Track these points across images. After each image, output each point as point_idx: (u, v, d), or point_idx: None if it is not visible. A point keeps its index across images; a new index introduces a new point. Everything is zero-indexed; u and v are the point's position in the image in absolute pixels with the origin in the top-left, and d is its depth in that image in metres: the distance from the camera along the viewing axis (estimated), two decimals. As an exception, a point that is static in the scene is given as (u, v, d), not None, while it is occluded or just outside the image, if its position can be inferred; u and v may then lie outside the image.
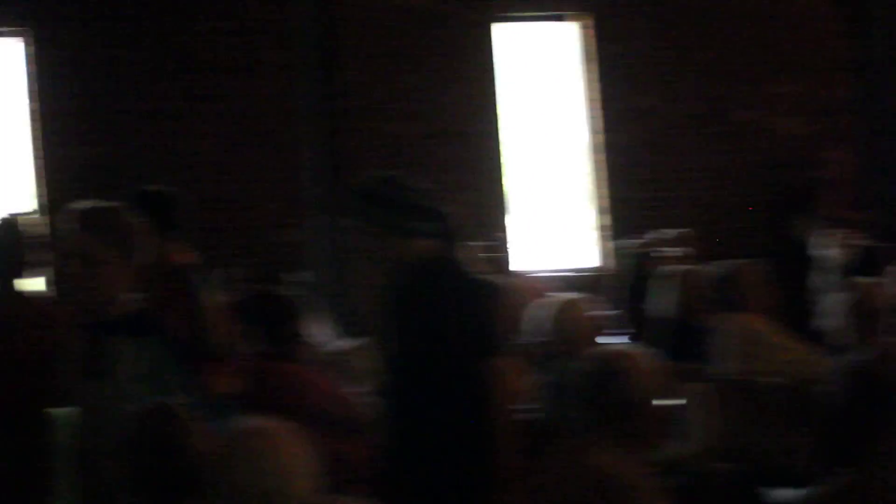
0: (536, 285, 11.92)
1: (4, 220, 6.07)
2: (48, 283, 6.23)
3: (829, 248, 10.31)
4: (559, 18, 14.97)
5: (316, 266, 12.78)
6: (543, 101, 14.94)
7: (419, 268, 5.47)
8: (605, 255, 14.56)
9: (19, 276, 5.99)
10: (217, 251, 12.80)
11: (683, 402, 6.65)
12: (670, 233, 11.72)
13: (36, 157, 13.20)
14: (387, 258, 5.62)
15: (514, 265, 12.60)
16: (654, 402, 4.49)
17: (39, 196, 13.11)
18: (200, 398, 4.94)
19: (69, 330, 5.02)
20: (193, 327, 6.26)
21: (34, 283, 6.14)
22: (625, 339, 9.67)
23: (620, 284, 12.03)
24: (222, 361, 6.30)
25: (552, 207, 14.93)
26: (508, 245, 12.59)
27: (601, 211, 14.75)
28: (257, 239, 13.24)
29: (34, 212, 11.99)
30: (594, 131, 14.76)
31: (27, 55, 13.29)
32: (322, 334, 10.22)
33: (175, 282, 6.35)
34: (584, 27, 14.79)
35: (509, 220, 14.40)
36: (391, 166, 13.80)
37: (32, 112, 13.25)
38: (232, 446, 3.58)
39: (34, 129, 13.25)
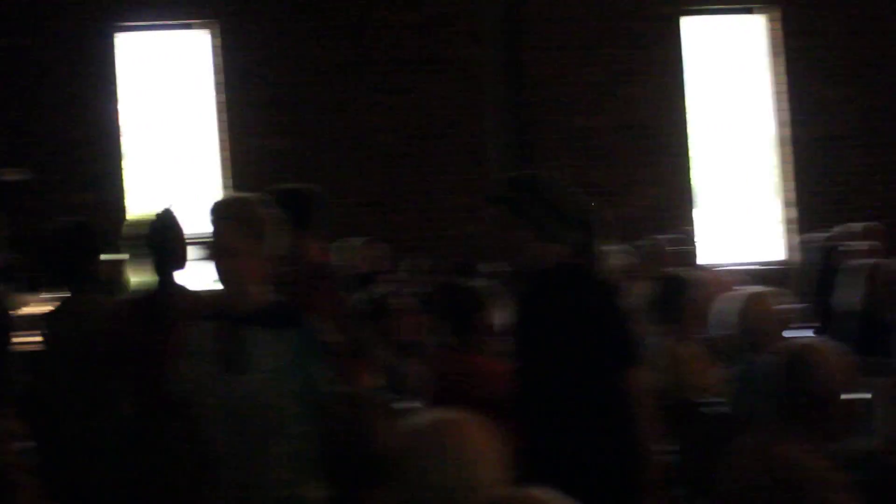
0: (723, 279, 11.87)
1: (165, 211, 6.05)
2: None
3: None
4: (747, 11, 14.84)
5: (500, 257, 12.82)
6: (730, 95, 14.82)
7: (553, 273, 5.30)
8: (791, 248, 14.40)
9: (180, 267, 6.00)
10: (403, 243, 12.99)
11: (869, 396, 6.56)
12: (857, 226, 11.54)
13: (221, 149, 13.48)
14: (522, 257, 5.44)
15: (701, 259, 12.51)
16: (842, 396, 4.45)
17: (224, 187, 13.39)
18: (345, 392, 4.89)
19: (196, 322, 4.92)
20: (335, 323, 6.13)
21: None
22: (810, 333, 9.54)
23: (807, 278, 11.89)
24: (362, 358, 6.20)
25: (739, 201, 14.81)
26: (695, 238, 12.49)
27: (787, 204, 14.59)
28: (443, 230, 13.36)
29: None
30: (781, 124, 14.62)
31: (214, 47, 13.55)
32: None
33: (315, 278, 6.27)
34: (772, 20, 14.64)
35: (696, 214, 14.33)
36: (577, 159, 13.88)
37: (219, 103, 13.53)
38: (418, 437, 3.55)
39: (220, 121, 13.52)
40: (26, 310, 7.49)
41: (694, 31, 14.65)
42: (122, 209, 13.06)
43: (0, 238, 7.23)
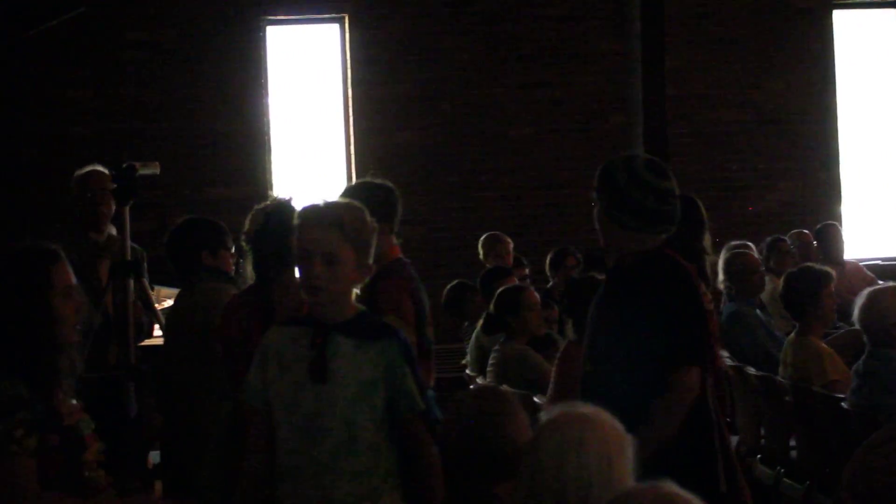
0: (866, 273, 11.72)
1: (280, 203, 5.85)
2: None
3: None
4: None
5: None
6: (878, 88, 14.58)
7: (638, 263, 5.09)
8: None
9: (283, 264, 5.71)
10: (539, 236, 13.02)
11: None
12: None
13: (347, 143, 13.54)
14: (606, 248, 5.33)
15: (847, 253, 12.32)
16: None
17: (349, 181, 13.29)
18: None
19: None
20: (417, 324, 6.04)
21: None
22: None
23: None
24: (429, 359, 6.10)
25: (886, 194, 14.56)
26: (841, 233, 12.30)
27: (938, 198, 14.32)
28: (579, 225, 13.32)
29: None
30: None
31: (343, 41, 13.58)
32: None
33: (398, 278, 6.16)
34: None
35: (842, 207, 14.13)
36: (718, 154, 13.77)
37: (346, 98, 13.58)
38: (555, 432, 3.56)
39: (347, 115, 13.57)
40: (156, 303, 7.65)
41: (843, 24, 14.42)
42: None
43: (128, 231, 7.36)
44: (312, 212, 4.54)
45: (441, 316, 10.35)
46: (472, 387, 5.16)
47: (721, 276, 9.07)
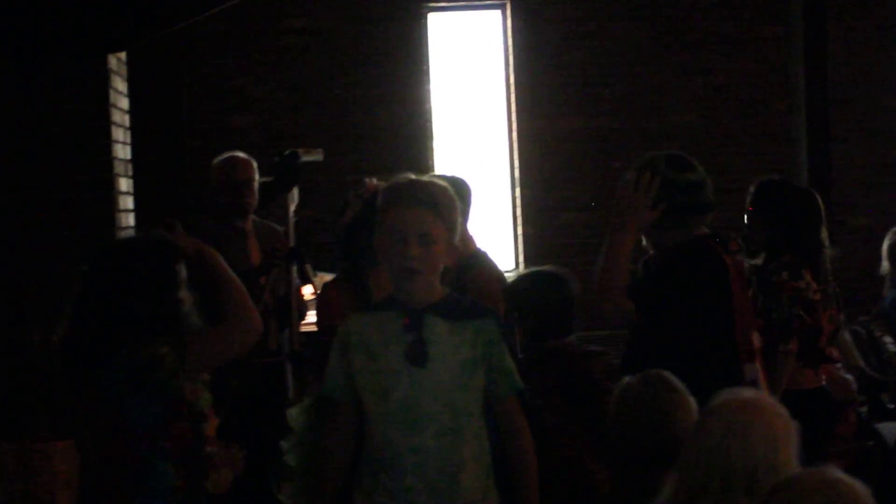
0: None
1: (378, 188, 5.67)
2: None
3: None
4: None
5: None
6: None
7: (681, 252, 5.08)
8: None
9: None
10: (710, 223, 12.87)
11: None
12: None
13: (510, 130, 13.50)
14: (648, 242, 5.29)
15: None
16: None
17: (511, 168, 13.41)
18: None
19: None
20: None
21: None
22: None
23: None
24: None
25: None
26: None
27: None
28: (742, 211, 13.18)
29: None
30: None
31: (504, 27, 13.56)
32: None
33: (489, 269, 6.17)
34: None
35: None
36: (883, 139, 13.51)
37: (508, 84, 13.55)
38: (720, 418, 3.55)
39: (509, 102, 13.54)
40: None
41: None
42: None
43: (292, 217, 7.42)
44: (406, 190, 4.37)
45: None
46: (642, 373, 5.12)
47: (884, 262, 8.93)
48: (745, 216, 6.51)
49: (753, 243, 6.40)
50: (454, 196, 4.43)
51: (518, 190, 13.23)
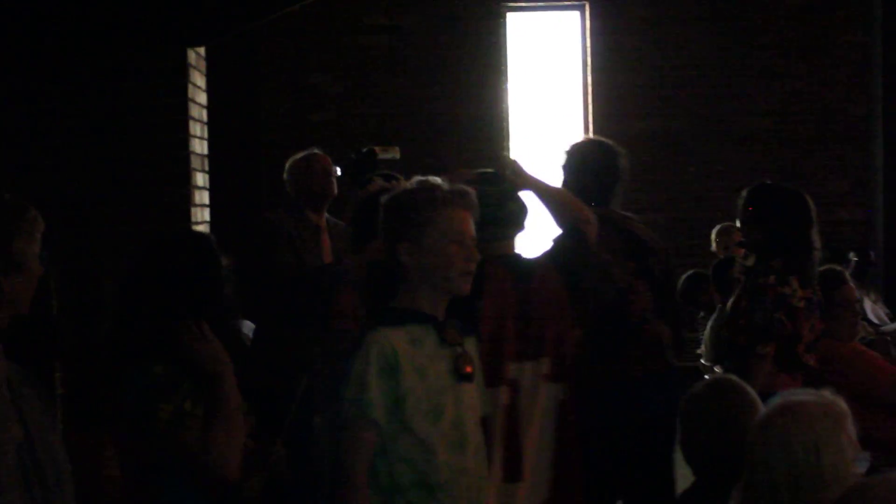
0: None
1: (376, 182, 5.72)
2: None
3: None
4: None
5: (876, 246, 12.57)
6: None
7: None
8: None
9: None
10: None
11: None
12: None
13: (586, 131, 13.48)
14: None
15: None
16: None
17: None
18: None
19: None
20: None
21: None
22: None
23: None
24: None
25: None
26: None
27: None
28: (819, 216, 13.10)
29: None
30: None
31: (583, 28, 13.55)
32: (879, 314, 10.03)
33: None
34: None
35: None
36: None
37: (586, 85, 13.54)
38: (769, 423, 3.50)
39: (587, 102, 13.53)
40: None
41: None
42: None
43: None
44: (458, 193, 4.17)
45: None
46: (707, 377, 5.06)
47: None
48: (738, 220, 6.49)
49: (747, 246, 6.38)
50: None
51: (593, 191, 13.18)
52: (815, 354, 6.12)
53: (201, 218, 7.91)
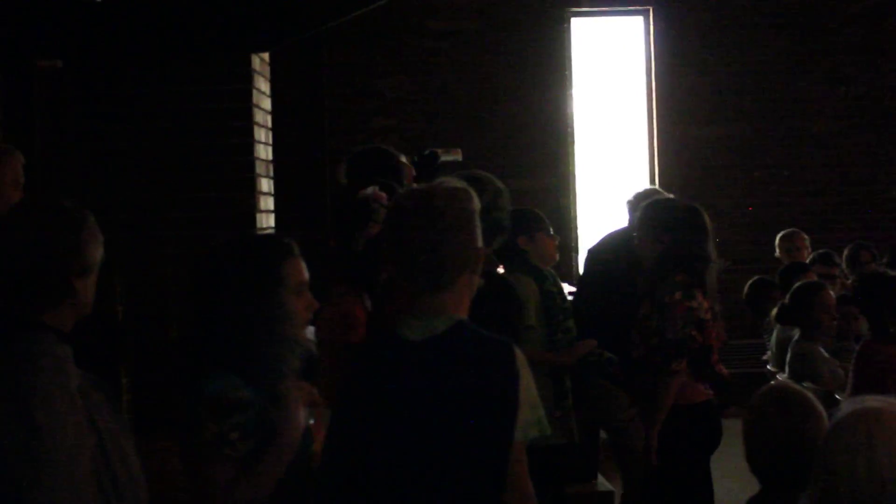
0: None
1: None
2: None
3: None
4: None
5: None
6: None
7: None
8: None
9: None
10: (845, 233, 12.69)
11: None
12: None
13: (650, 136, 13.45)
14: None
15: None
16: None
17: (651, 174, 13.38)
18: None
19: None
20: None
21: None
22: None
23: None
24: None
25: None
26: None
27: None
28: (888, 221, 13.03)
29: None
30: None
31: (647, 34, 13.51)
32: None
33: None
34: None
35: None
36: None
37: (650, 90, 13.49)
38: (839, 433, 3.48)
39: (651, 108, 13.48)
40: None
41: None
42: (570, 194, 13.27)
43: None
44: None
45: (742, 311, 10.22)
46: (772, 384, 5.03)
47: None
48: (634, 236, 6.50)
49: (643, 260, 6.38)
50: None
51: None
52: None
53: (266, 223, 7.94)
